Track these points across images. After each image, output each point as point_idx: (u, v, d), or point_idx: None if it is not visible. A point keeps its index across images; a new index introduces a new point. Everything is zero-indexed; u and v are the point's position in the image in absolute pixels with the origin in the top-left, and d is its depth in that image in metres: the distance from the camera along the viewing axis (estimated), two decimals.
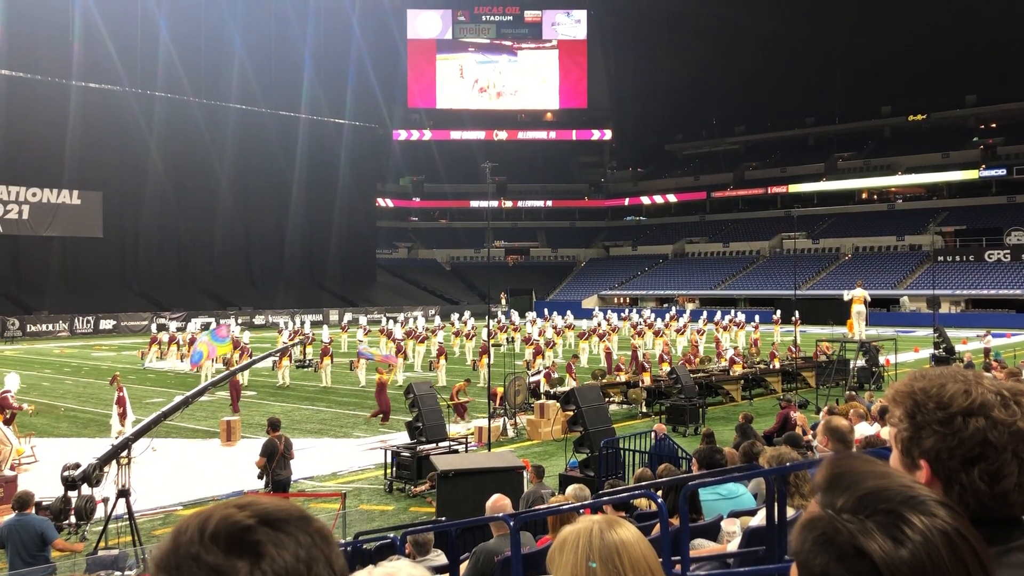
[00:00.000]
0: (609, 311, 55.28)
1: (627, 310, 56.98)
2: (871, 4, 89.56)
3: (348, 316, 48.67)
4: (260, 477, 13.65)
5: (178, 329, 43.48)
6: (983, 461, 1.30)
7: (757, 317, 46.13)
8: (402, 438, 17.79)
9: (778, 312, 47.77)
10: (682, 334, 44.20)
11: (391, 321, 44.99)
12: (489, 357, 21.82)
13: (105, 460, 10.95)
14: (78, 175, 59.94)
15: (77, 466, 10.97)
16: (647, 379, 24.50)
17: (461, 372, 30.72)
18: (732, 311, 50.86)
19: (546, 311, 55.64)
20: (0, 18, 56.43)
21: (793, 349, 29.01)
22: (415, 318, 48.19)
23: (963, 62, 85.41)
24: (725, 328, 43.27)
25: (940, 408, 1.33)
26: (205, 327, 40.86)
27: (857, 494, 1.04)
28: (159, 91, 65.08)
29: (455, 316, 50.16)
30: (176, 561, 0.97)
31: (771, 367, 27.62)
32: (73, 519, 10.64)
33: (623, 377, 25.68)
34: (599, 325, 43.95)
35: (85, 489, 10.99)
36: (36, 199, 59.18)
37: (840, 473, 1.08)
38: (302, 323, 47.17)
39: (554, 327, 43.45)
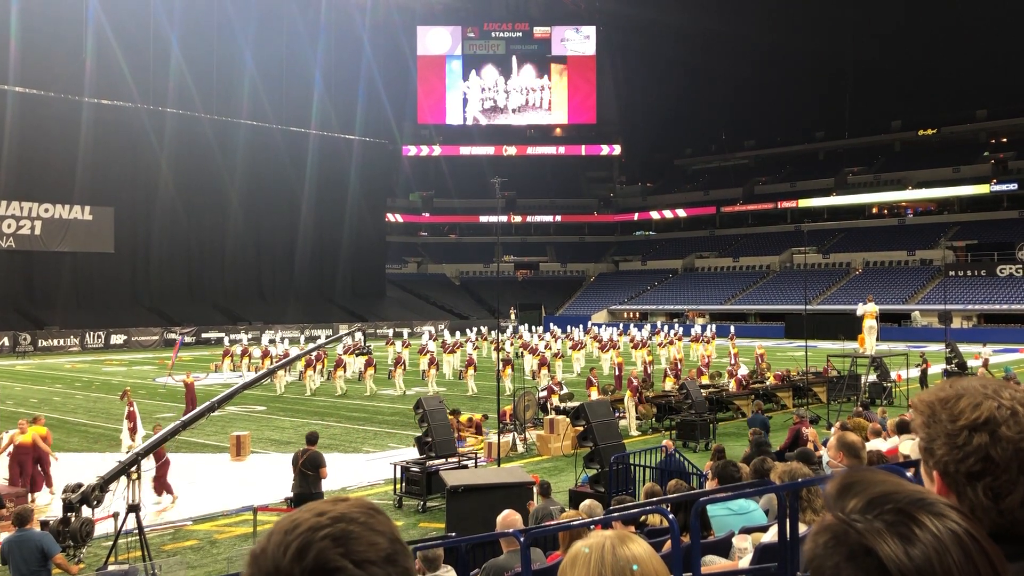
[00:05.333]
0: (604, 326, 55.58)
1: (621, 325, 57.07)
2: (881, 19, 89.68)
3: (391, 331, 48.68)
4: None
5: (250, 341, 43.92)
6: (987, 476, 1.28)
7: (731, 328, 46.79)
8: (411, 453, 17.76)
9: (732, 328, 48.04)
10: (671, 344, 44.29)
11: (424, 335, 45.27)
12: (512, 368, 21.88)
13: (109, 480, 10.94)
14: (90, 191, 60.31)
15: (78, 487, 10.98)
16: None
17: (488, 383, 30.94)
18: (712, 325, 50.79)
19: (552, 325, 55.93)
20: (13, 35, 56.94)
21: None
22: (436, 330, 48.64)
23: (973, 76, 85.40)
24: (708, 342, 43.62)
25: (951, 420, 1.32)
26: (272, 341, 41.20)
27: (867, 497, 1.04)
28: (170, 107, 65.54)
29: (472, 331, 50.36)
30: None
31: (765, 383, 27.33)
32: (70, 542, 10.62)
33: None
34: (599, 337, 44.64)
35: (86, 511, 10.98)
36: (48, 215, 59.54)
37: (851, 482, 1.09)
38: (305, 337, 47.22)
39: (545, 339, 44.22)
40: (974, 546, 0.99)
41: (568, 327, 55.38)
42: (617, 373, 30.44)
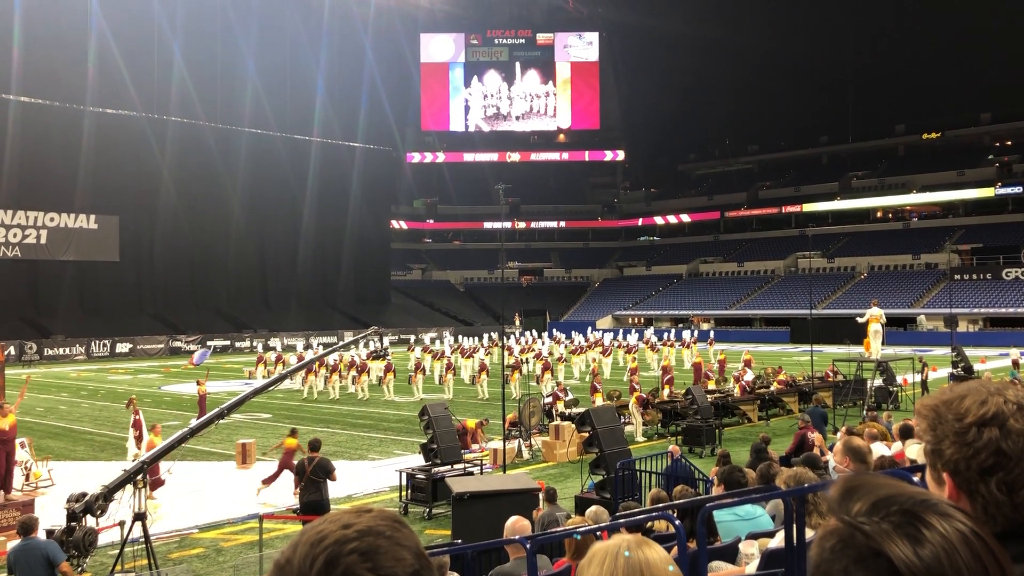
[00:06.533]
0: (603, 331, 55.71)
1: (618, 331, 57.15)
2: (884, 23, 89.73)
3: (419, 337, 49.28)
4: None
5: (285, 348, 44.35)
6: (1000, 471, 1.29)
7: (710, 333, 47.04)
8: (416, 460, 17.76)
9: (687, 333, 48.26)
10: (655, 350, 44.44)
11: (437, 341, 45.94)
12: (521, 373, 21.95)
13: (113, 489, 10.94)
14: (93, 200, 60.43)
15: (81, 496, 10.98)
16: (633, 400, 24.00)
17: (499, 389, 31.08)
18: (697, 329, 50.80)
19: (554, 331, 55.96)
20: (16, 45, 57.14)
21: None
22: (453, 338, 49.09)
23: (977, 80, 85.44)
24: (687, 346, 44.12)
25: (957, 419, 1.33)
26: (308, 347, 41.39)
27: (871, 500, 1.05)
28: (173, 116, 65.66)
29: (485, 337, 50.66)
30: None
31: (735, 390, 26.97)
32: (73, 552, 10.62)
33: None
34: (598, 341, 45.13)
35: (89, 521, 10.98)
36: (53, 224, 59.67)
37: (854, 486, 1.09)
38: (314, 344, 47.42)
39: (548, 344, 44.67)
40: (981, 546, 1.00)
41: (572, 332, 55.43)
42: (592, 379, 30.63)
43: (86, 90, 60.54)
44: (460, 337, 50.25)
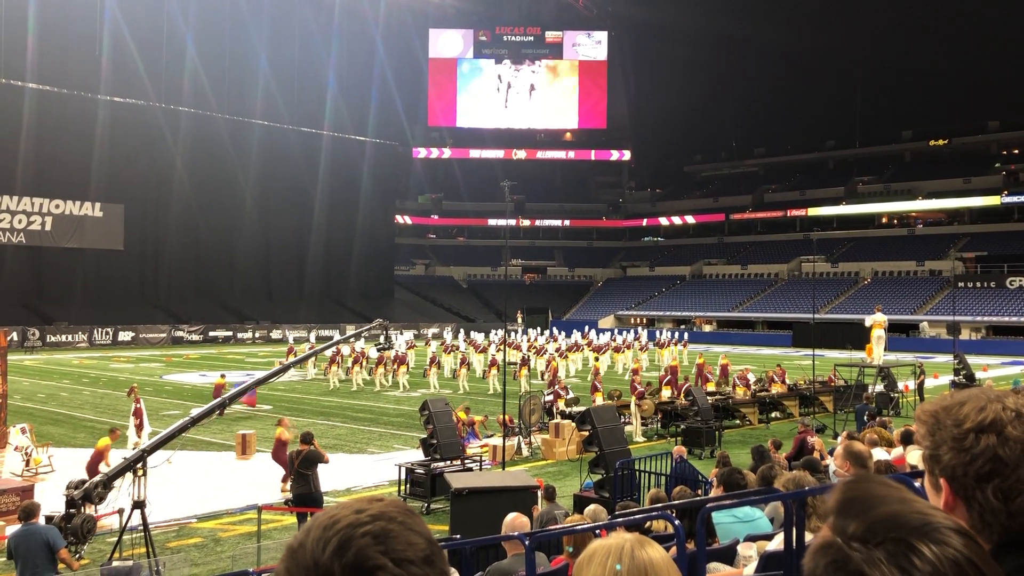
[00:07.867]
0: (600, 331, 55.67)
1: (613, 331, 57.16)
2: (892, 28, 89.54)
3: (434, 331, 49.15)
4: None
5: (319, 340, 44.85)
6: (996, 477, 1.29)
7: (685, 335, 47.43)
8: (416, 455, 17.78)
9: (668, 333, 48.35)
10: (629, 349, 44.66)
11: (456, 335, 46.22)
12: (528, 369, 22.04)
13: (113, 477, 10.95)
14: (102, 188, 60.60)
15: (81, 484, 10.99)
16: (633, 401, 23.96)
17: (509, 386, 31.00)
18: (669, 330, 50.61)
19: (554, 329, 55.93)
20: (30, 33, 57.28)
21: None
22: (459, 332, 49.29)
23: (985, 87, 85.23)
24: (663, 346, 44.44)
25: (956, 425, 1.34)
26: (347, 338, 41.52)
27: (868, 521, 1.03)
28: (185, 106, 65.80)
29: (493, 334, 50.77)
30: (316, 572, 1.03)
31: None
32: (71, 538, 10.64)
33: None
34: (590, 341, 45.45)
35: (88, 508, 10.99)
36: (59, 211, 59.78)
37: (853, 497, 1.07)
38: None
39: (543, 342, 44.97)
40: (973, 573, 0.98)
41: (573, 331, 55.38)
42: (551, 378, 30.57)
43: (99, 79, 60.76)
44: (472, 333, 50.47)
